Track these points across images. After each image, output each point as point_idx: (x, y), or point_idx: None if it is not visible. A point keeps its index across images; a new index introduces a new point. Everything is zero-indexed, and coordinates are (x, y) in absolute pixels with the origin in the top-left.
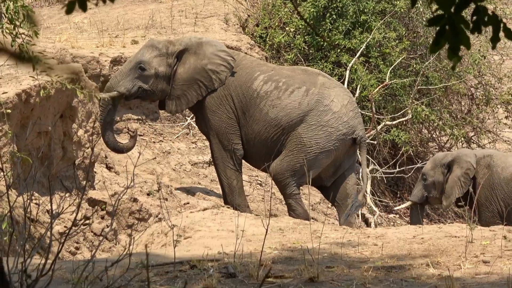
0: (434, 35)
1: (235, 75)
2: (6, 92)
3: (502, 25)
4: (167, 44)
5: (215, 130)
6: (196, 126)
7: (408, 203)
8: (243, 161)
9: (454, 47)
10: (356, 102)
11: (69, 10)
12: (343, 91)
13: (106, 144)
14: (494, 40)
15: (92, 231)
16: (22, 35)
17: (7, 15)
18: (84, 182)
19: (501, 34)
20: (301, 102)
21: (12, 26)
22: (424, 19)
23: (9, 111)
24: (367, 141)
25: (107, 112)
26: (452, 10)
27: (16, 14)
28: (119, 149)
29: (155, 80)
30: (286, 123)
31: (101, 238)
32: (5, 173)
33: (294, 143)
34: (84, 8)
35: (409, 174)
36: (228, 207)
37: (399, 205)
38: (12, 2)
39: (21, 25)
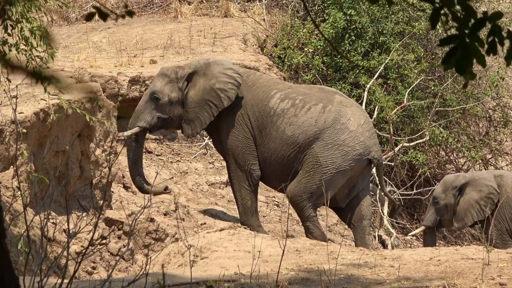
0: (445, 53)
1: (252, 94)
2: (22, 112)
3: None
4: (175, 69)
5: (231, 150)
6: (213, 147)
7: (421, 228)
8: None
9: (461, 67)
10: (373, 123)
11: (88, 18)
12: (359, 111)
13: (133, 182)
14: (510, 57)
15: (108, 251)
16: (37, 58)
17: (22, 36)
18: (101, 202)
19: None
20: (317, 119)
21: (28, 47)
22: None
23: (24, 130)
24: (384, 162)
25: (132, 150)
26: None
27: (33, 34)
28: (144, 192)
29: (171, 107)
30: (303, 140)
31: (117, 258)
32: (22, 193)
33: (310, 163)
34: (104, 18)
35: (426, 196)
36: (244, 228)
37: (416, 227)
38: (28, 23)
39: (37, 46)
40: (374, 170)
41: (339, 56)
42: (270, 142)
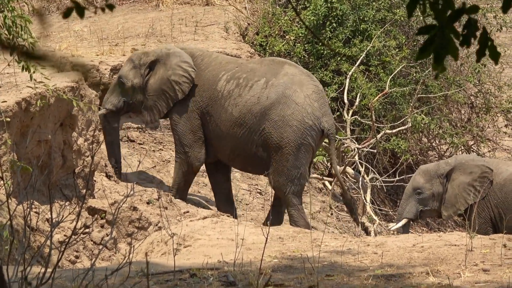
0: (422, 43)
1: (203, 79)
2: (6, 101)
3: (489, 43)
4: (141, 55)
5: (179, 136)
6: None
7: (404, 221)
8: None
9: (439, 57)
10: (355, 110)
11: (66, 15)
12: (308, 80)
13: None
14: (480, 54)
15: (92, 240)
16: (20, 46)
17: (5, 25)
18: (84, 191)
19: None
20: (260, 96)
21: (11, 36)
22: None
23: (8, 119)
24: (366, 149)
25: (106, 132)
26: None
27: (14, 24)
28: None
29: (133, 92)
30: (251, 120)
31: (101, 246)
32: (5, 182)
33: (271, 148)
34: (81, 15)
35: None
36: (227, 216)
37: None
38: (9, 12)
39: (19, 36)
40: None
41: (320, 44)
42: (222, 125)
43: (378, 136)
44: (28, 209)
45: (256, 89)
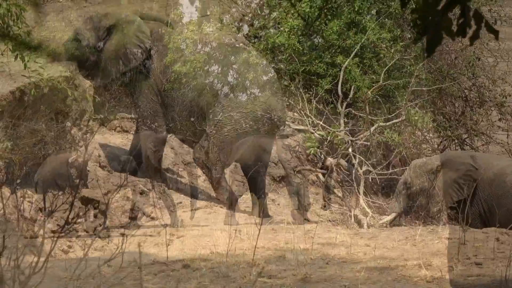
0: (416, 32)
1: (160, 60)
2: None
3: (484, 20)
4: (101, 17)
5: (141, 111)
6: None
7: (394, 215)
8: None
9: (432, 45)
10: (349, 102)
11: None
12: (262, 68)
13: None
14: (474, 37)
15: (84, 230)
16: (14, 36)
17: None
18: (77, 181)
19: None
20: (214, 83)
21: (5, 25)
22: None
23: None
24: (360, 142)
25: None
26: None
27: (9, 12)
28: None
29: (88, 51)
30: (204, 104)
31: (93, 236)
32: None
33: (213, 126)
34: None
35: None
36: (221, 207)
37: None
38: (4, 1)
39: (14, 24)
40: (350, 150)
41: (315, 35)
42: (176, 107)
43: (372, 128)
44: (22, 199)
45: (212, 75)
